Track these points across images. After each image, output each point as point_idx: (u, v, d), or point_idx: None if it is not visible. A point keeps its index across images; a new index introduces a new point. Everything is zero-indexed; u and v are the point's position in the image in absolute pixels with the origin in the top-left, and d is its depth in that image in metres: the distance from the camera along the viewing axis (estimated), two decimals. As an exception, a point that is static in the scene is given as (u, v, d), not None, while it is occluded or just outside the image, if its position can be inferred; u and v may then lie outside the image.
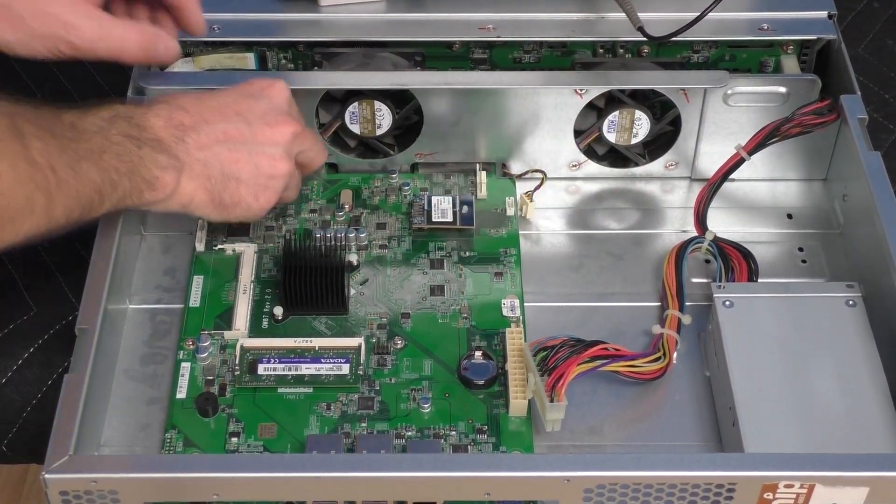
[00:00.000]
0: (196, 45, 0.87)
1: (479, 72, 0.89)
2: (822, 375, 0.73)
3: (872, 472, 0.65)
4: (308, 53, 0.89)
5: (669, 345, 0.77)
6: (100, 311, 0.73)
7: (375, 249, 0.84)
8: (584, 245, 0.85)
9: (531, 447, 0.73)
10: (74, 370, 0.70)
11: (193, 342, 0.78)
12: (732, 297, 0.76)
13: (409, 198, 0.87)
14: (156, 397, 0.76)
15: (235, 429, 0.74)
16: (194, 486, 0.66)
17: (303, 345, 0.77)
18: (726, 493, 0.66)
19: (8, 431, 0.82)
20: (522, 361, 0.75)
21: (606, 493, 0.66)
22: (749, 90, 0.85)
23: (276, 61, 0.89)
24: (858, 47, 1.02)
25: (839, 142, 0.85)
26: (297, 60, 0.89)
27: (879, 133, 0.95)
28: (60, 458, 0.66)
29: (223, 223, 0.82)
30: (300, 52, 0.89)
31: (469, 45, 0.89)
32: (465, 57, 0.89)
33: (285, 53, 0.89)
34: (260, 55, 0.88)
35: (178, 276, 0.83)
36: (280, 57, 0.89)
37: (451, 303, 0.80)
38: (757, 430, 0.70)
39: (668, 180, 0.89)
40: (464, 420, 0.74)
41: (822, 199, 0.88)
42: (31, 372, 0.82)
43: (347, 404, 0.75)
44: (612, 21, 0.87)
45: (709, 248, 0.82)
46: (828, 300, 0.76)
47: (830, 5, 0.88)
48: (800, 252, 0.85)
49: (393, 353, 0.78)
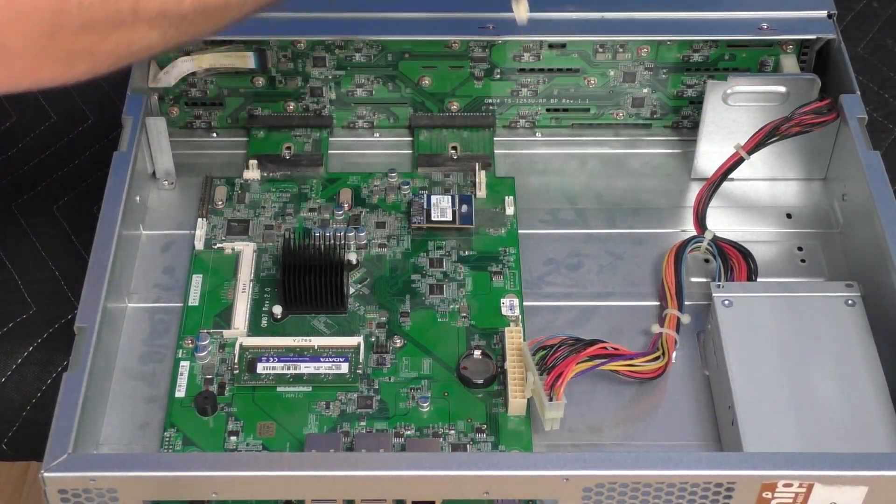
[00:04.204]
0: (195, 44, 0.87)
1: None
2: (821, 375, 0.73)
3: (871, 471, 0.65)
4: (308, 53, 0.89)
5: (668, 344, 0.77)
6: (99, 310, 0.73)
7: (374, 248, 0.84)
8: (584, 244, 0.85)
9: (530, 446, 0.73)
10: (73, 369, 0.70)
11: (192, 341, 0.78)
12: (731, 297, 0.76)
13: (409, 197, 0.87)
14: (155, 396, 0.76)
15: (234, 427, 0.74)
16: (193, 484, 0.66)
17: (302, 344, 0.77)
18: (725, 492, 0.66)
19: (8, 430, 0.82)
20: (521, 360, 0.75)
21: (605, 492, 0.66)
22: (748, 89, 0.85)
23: (275, 60, 0.89)
24: (858, 47, 1.02)
25: (839, 141, 0.85)
26: (298, 59, 0.89)
27: (879, 133, 0.95)
28: (59, 457, 0.66)
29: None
30: (301, 51, 0.89)
31: (468, 45, 0.89)
32: (465, 56, 0.89)
33: (285, 52, 0.89)
34: (260, 53, 0.88)
35: (177, 274, 0.83)
36: (280, 56, 0.89)
37: (450, 302, 0.80)
38: (756, 429, 0.70)
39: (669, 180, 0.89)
40: (463, 419, 0.74)
41: (822, 199, 0.88)
42: (30, 370, 0.82)
43: (346, 403, 0.75)
44: (612, 21, 0.87)
45: (708, 248, 0.82)
46: (827, 300, 0.76)
47: (830, 5, 0.88)
48: (799, 251, 0.85)
49: (392, 352, 0.78)
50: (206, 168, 0.89)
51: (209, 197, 0.86)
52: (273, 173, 0.88)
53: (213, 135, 0.93)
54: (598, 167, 0.91)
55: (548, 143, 0.92)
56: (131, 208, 0.81)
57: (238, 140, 0.92)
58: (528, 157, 0.91)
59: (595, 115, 0.92)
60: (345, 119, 0.93)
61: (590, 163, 0.91)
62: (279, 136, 0.91)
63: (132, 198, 0.82)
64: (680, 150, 0.92)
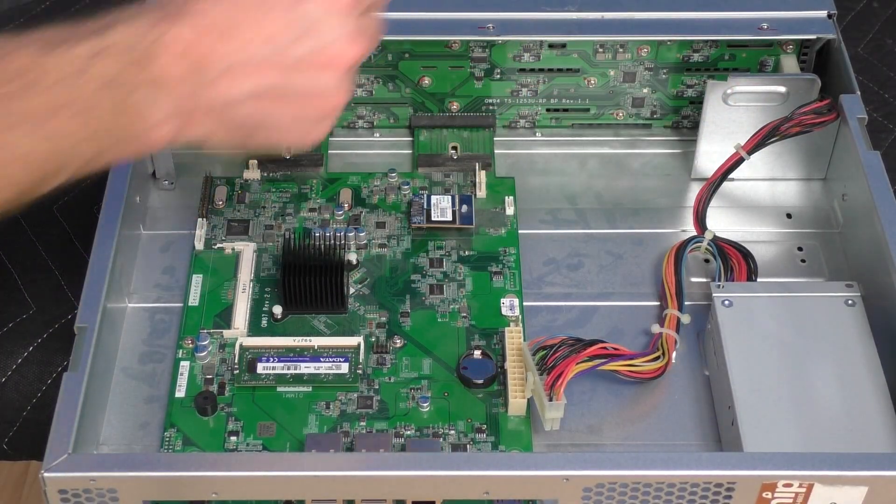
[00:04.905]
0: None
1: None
2: (821, 375, 0.73)
3: (871, 471, 0.65)
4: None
5: (668, 344, 0.77)
6: (99, 310, 0.73)
7: (375, 248, 0.84)
8: (584, 244, 0.85)
9: (530, 446, 0.73)
10: (73, 369, 0.70)
11: (192, 341, 0.78)
12: (731, 297, 0.76)
13: (409, 197, 0.87)
14: (155, 396, 0.76)
15: (234, 427, 0.74)
16: (193, 484, 0.66)
17: (302, 344, 0.77)
18: (725, 492, 0.66)
19: (8, 430, 0.82)
20: (521, 360, 0.75)
21: (605, 492, 0.66)
22: (748, 89, 0.85)
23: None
24: (858, 47, 1.02)
25: (838, 141, 0.85)
26: (297, 59, 0.89)
27: (879, 133, 0.95)
28: (59, 457, 0.65)
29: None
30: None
31: (468, 45, 0.89)
32: (465, 56, 0.89)
33: (285, 52, 0.89)
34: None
35: (178, 274, 0.83)
36: (280, 56, 0.89)
37: (450, 302, 0.80)
38: (756, 429, 0.70)
39: (669, 180, 0.89)
40: (463, 419, 0.74)
41: (822, 199, 0.88)
42: (30, 370, 0.82)
43: (346, 403, 0.75)
44: (612, 21, 0.87)
45: (708, 248, 0.82)
46: (827, 300, 0.76)
47: (830, 5, 0.88)
48: (799, 251, 0.85)
49: (392, 352, 0.78)
50: (206, 168, 0.89)
51: (209, 197, 0.86)
52: (273, 173, 0.88)
53: (214, 135, 0.93)
54: (598, 167, 0.91)
55: (548, 143, 0.92)
56: (131, 208, 0.81)
57: (238, 140, 0.92)
58: (528, 157, 0.91)
59: (595, 115, 0.92)
60: (345, 119, 0.93)
61: (590, 163, 0.91)
62: (279, 136, 0.91)
63: (132, 198, 0.82)
64: (680, 150, 0.92)
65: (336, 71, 0.63)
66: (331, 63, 0.62)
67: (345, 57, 0.62)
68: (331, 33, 0.61)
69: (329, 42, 0.61)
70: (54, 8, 1.03)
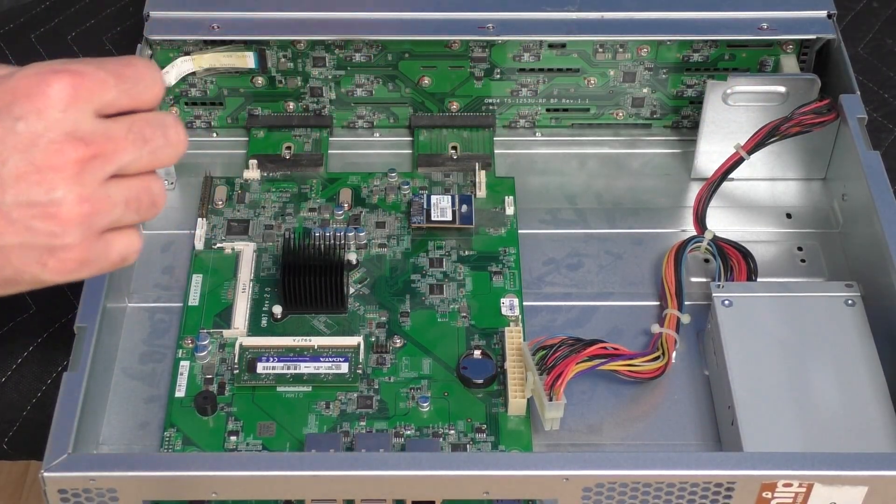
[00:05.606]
0: (195, 44, 0.87)
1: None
2: (821, 375, 0.73)
3: (871, 471, 0.65)
4: (308, 53, 0.89)
5: (668, 344, 0.77)
6: (98, 310, 0.73)
7: (374, 248, 0.84)
8: (584, 244, 0.85)
9: (530, 446, 0.73)
10: (73, 368, 0.70)
11: (192, 341, 0.78)
12: (731, 297, 0.76)
13: (409, 197, 0.87)
14: (154, 396, 0.76)
15: (234, 427, 0.74)
16: (193, 484, 0.66)
17: (302, 343, 0.77)
18: (725, 492, 0.66)
19: (8, 430, 0.82)
20: (521, 360, 0.75)
21: (605, 492, 0.66)
22: (748, 89, 0.85)
23: (275, 60, 0.89)
24: (858, 47, 1.02)
25: (838, 141, 0.85)
26: (297, 59, 0.89)
27: (879, 133, 0.95)
28: (59, 457, 0.66)
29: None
30: (300, 51, 0.89)
31: (468, 45, 0.89)
32: (465, 56, 0.89)
33: (285, 52, 0.89)
34: (259, 53, 0.88)
35: (177, 274, 0.83)
36: (280, 56, 0.89)
37: (450, 302, 0.80)
38: (756, 429, 0.70)
39: (669, 180, 0.89)
40: (463, 419, 0.74)
41: (822, 199, 0.88)
42: (30, 370, 0.82)
43: (346, 403, 0.75)
44: (612, 21, 0.87)
45: (708, 248, 0.82)
46: (827, 299, 0.77)
47: (830, 5, 0.88)
48: (799, 251, 0.85)
49: (392, 351, 0.78)
50: (206, 168, 0.89)
51: (209, 197, 0.86)
52: (273, 173, 0.88)
53: (213, 135, 0.93)
54: (597, 167, 0.91)
55: (548, 142, 0.93)
56: (131, 208, 0.81)
57: (238, 140, 0.92)
58: (528, 156, 0.92)
59: (595, 115, 0.92)
60: (345, 119, 0.93)
61: (590, 163, 0.91)
62: (279, 135, 0.91)
63: (132, 198, 0.82)
64: (680, 150, 0.92)
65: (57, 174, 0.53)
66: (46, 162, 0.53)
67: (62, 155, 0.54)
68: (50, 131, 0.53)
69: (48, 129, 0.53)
70: (54, 8, 1.03)
